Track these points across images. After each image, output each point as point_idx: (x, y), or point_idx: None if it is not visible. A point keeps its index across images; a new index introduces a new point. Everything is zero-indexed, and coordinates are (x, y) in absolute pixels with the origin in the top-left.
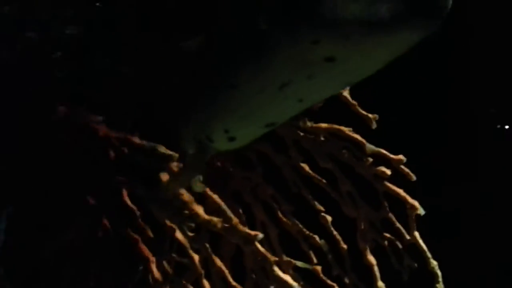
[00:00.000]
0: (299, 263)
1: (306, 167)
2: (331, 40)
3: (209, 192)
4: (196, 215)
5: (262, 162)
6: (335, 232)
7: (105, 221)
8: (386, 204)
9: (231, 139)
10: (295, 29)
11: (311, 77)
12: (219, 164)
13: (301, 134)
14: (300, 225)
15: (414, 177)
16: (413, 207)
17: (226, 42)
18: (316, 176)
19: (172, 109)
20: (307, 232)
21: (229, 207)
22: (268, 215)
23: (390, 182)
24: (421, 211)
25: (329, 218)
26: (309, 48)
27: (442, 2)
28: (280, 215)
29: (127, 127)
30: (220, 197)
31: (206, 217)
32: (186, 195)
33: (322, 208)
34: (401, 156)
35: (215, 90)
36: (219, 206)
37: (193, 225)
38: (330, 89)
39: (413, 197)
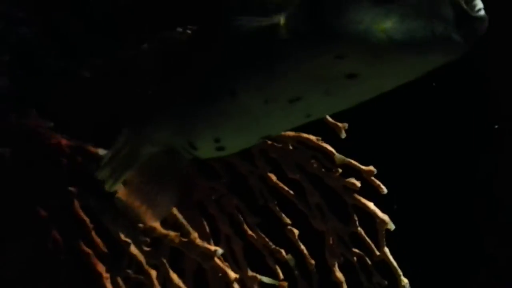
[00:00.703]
0: (265, 279)
1: (273, 177)
2: (358, 57)
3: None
4: (152, 229)
5: (228, 171)
6: (302, 247)
7: (56, 234)
8: (355, 217)
9: (220, 148)
10: (319, 41)
11: (327, 93)
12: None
13: (269, 142)
14: (266, 239)
15: (385, 190)
16: (383, 222)
17: (233, 44)
18: (284, 187)
19: (132, 113)
20: (273, 246)
21: (192, 219)
22: (233, 227)
23: (361, 194)
24: (391, 226)
25: (296, 231)
26: (332, 62)
27: (478, 25)
28: (246, 227)
29: (82, 133)
30: (183, 208)
31: (163, 231)
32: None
33: (289, 221)
34: (371, 167)
35: (211, 94)
36: (177, 219)
37: (148, 239)
38: (342, 106)
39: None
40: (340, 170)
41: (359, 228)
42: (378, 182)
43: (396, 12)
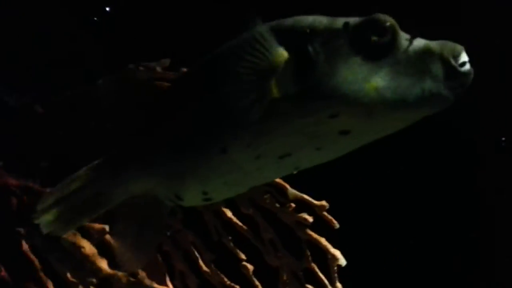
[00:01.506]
0: None
1: (228, 212)
2: (351, 115)
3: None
4: (99, 269)
5: (182, 207)
6: (257, 282)
7: (4, 273)
8: (308, 253)
9: (207, 199)
10: (311, 101)
11: (318, 149)
12: None
13: None
14: (222, 275)
15: (337, 225)
16: (334, 257)
17: (224, 104)
18: (238, 222)
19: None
20: (228, 282)
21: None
22: (188, 264)
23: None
24: (342, 262)
25: (251, 267)
26: (325, 121)
27: (465, 80)
28: (201, 263)
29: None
30: None
31: (109, 271)
32: (88, 248)
33: (244, 257)
34: (324, 202)
35: (201, 151)
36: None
37: (94, 280)
38: (330, 158)
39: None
40: (293, 205)
41: (312, 264)
42: (330, 217)
43: (387, 69)
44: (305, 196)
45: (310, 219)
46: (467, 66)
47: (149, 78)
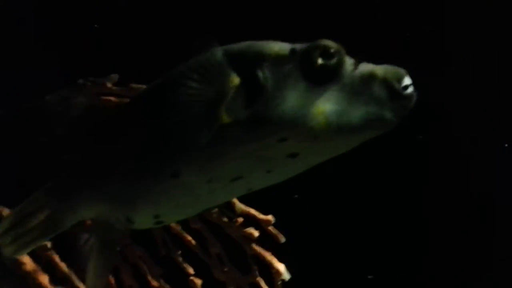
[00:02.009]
0: None
1: (177, 227)
2: (300, 139)
3: (57, 260)
4: (39, 285)
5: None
6: None
7: None
8: (255, 267)
9: (159, 222)
10: (260, 126)
11: (269, 171)
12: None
13: None
14: None
15: (283, 239)
16: (278, 272)
17: (172, 126)
18: (187, 236)
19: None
20: None
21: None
22: (137, 278)
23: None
24: (286, 276)
25: (199, 281)
26: (274, 145)
27: (408, 102)
28: (150, 278)
29: None
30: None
31: (50, 287)
32: (29, 264)
33: (192, 271)
34: (270, 217)
35: (152, 175)
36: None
37: None
38: (284, 177)
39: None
40: (240, 220)
41: (258, 278)
42: (275, 231)
43: (333, 94)
44: (252, 211)
45: (256, 233)
46: (410, 89)
47: (97, 93)
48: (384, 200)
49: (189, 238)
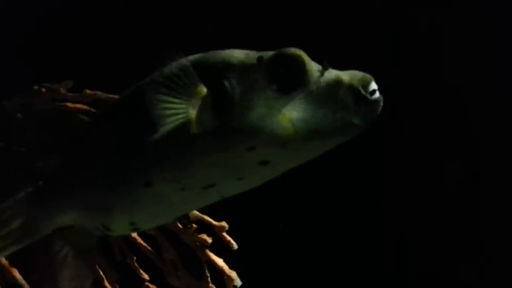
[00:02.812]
0: None
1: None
2: (268, 147)
3: (7, 266)
4: None
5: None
6: None
7: None
8: (208, 274)
9: (135, 229)
10: (229, 136)
11: (240, 179)
12: None
13: None
14: None
15: (235, 246)
16: (230, 278)
17: (144, 136)
18: (142, 242)
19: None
20: None
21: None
22: (93, 283)
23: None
24: (237, 283)
25: (153, 287)
26: (244, 154)
27: (377, 110)
28: (106, 284)
29: None
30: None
31: None
32: None
33: (147, 277)
34: (223, 223)
35: (126, 185)
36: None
37: None
38: (254, 185)
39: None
40: (194, 226)
41: (211, 285)
42: (228, 238)
43: (300, 101)
44: (205, 217)
45: (209, 240)
46: (377, 94)
47: (52, 99)
48: (340, 202)
49: (145, 244)
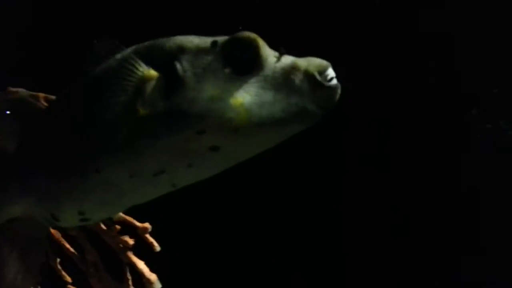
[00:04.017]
0: None
1: (57, 234)
2: (219, 131)
3: None
4: None
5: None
6: None
7: None
8: (129, 276)
9: (85, 219)
10: (179, 118)
11: (191, 165)
12: None
13: None
14: None
15: (158, 248)
16: (149, 281)
17: (91, 122)
18: (66, 244)
19: None
20: None
21: None
22: None
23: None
24: (157, 286)
25: None
26: (193, 138)
27: (332, 94)
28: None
29: None
30: None
31: None
32: None
33: (69, 279)
34: (146, 224)
35: (74, 171)
36: None
37: None
38: (207, 174)
39: None
40: (118, 227)
41: (132, 287)
42: (151, 239)
43: (254, 86)
44: (128, 218)
45: (131, 241)
46: (333, 81)
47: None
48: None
49: (68, 245)
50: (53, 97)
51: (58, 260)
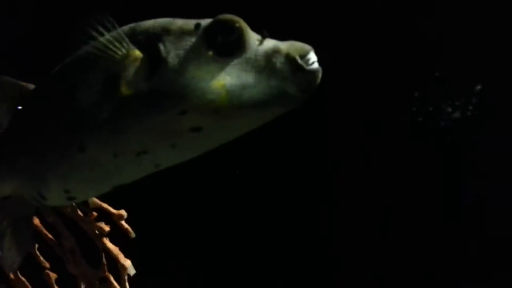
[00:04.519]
0: None
1: (35, 220)
2: (200, 112)
3: None
4: None
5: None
6: None
7: None
8: (105, 262)
9: (71, 198)
10: (160, 98)
11: (173, 146)
12: None
13: None
14: (26, 282)
15: (133, 234)
16: (123, 267)
17: (78, 101)
18: (43, 230)
19: None
20: None
21: None
22: None
23: None
24: (131, 271)
25: (53, 275)
26: (175, 118)
27: (313, 78)
28: (7, 271)
29: None
30: None
31: None
32: None
33: (47, 265)
34: (122, 211)
35: (59, 152)
36: None
37: None
38: (190, 155)
39: None
40: (95, 214)
41: (107, 273)
42: (126, 226)
43: (236, 68)
44: (104, 205)
45: (107, 228)
46: (314, 65)
47: None
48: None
49: (45, 231)
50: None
51: (36, 245)
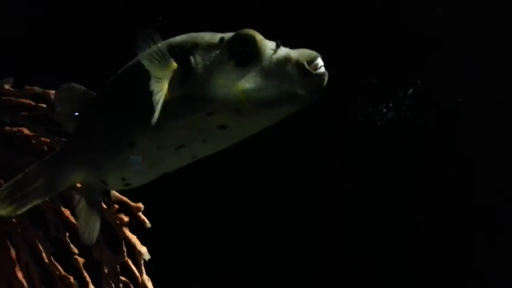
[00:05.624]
0: None
1: (66, 211)
2: (224, 113)
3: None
4: None
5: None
6: (85, 274)
7: None
8: (125, 249)
9: (127, 184)
10: (192, 102)
11: (205, 140)
12: None
13: None
14: (58, 266)
15: (149, 224)
16: (140, 253)
17: (127, 105)
18: (73, 220)
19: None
20: (63, 273)
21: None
22: (33, 256)
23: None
24: (146, 257)
25: (81, 260)
26: (205, 118)
27: (321, 83)
28: (44, 255)
29: None
30: None
31: None
32: None
33: (76, 251)
34: (140, 204)
35: (115, 147)
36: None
37: None
38: (221, 146)
39: None
40: (116, 206)
41: (126, 258)
42: (143, 217)
43: (253, 74)
44: (124, 198)
45: (126, 218)
46: (321, 69)
47: None
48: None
49: (74, 221)
50: None
51: (67, 234)
